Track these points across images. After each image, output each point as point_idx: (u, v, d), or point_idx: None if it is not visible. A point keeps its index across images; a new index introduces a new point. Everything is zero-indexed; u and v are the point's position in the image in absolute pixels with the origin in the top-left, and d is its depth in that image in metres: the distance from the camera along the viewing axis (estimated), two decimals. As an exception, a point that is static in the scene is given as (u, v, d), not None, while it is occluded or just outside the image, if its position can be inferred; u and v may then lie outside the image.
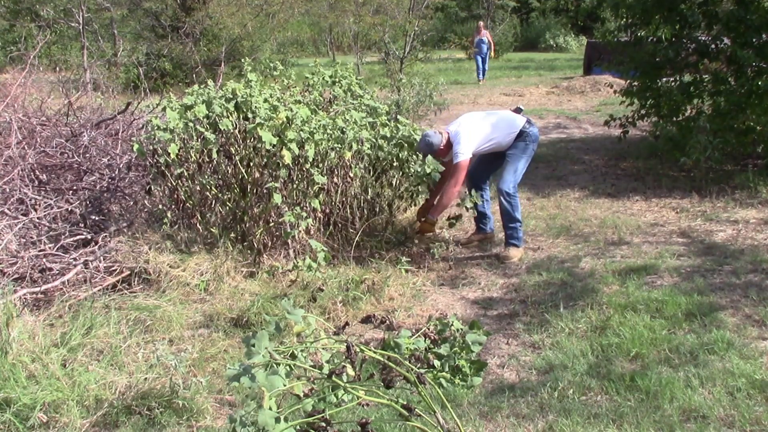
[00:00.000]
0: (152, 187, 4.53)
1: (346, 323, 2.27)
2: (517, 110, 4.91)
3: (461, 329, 2.24)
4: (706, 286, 4.02)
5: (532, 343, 3.50)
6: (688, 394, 2.85)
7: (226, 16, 14.27)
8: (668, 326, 3.51)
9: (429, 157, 4.60)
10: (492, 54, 17.95)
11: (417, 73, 12.47)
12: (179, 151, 4.17)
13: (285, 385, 1.77)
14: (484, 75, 17.03)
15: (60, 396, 2.81)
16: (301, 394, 1.95)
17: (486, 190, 4.99)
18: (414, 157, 4.82)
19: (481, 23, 18.45)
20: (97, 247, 4.18)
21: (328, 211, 4.67)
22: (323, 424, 1.84)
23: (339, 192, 4.65)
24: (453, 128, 4.70)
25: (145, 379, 2.99)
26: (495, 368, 3.26)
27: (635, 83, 7.13)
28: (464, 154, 4.52)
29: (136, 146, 4.26)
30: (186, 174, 4.31)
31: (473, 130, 4.63)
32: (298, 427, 1.80)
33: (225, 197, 4.38)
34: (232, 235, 4.35)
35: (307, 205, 4.33)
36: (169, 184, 4.38)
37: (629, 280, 4.14)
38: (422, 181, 4.68)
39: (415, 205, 5.12)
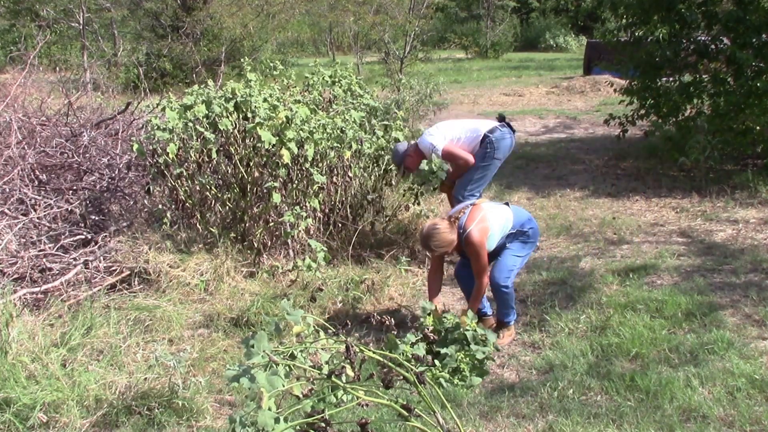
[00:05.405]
0: (152, 187, 4.53)
1: (346, 323, 2.27)
2: (500, 117, 4.88)
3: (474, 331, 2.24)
4: (706, 285, 4.02)
5: (532, 343, 3.49)
6: (688, 393, 2.85)
7: (226, 16, 14.26)
8: (668, 326, 3.51)
9: (433, 155, 4.59)
10: None
11: (417, 73, 12.45)
12: (179, 151, 4.17)
13: (284, 386, 1.77)
14: None
15: (60, 396, 2.81)
16: (301, 395, 1.95)
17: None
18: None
19: None
20: (97, 247, 4.18)
21: (327, 210, 4.67)
22: (323, 425, 1.83)
23: (339, 192, 4.64)
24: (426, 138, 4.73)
25: (145, 379, 2.99)
26: (495, 368, 3.26)
27: (635, 82, 7.13)
28: (439, 143, 4.61)
29: (135, 146, 4.26)
30: (186, 174, 4.31)
31: (446, 126, 4.77)
32: (297, 428, 1.80)
33: (225, 197, 4.38)
34: (232, 235, 4.35)
35: (307, 204, 4.32)
36: (169, 184, 4.38)
37: (629, 279, 4.14)
38: (428, 180, 4.66)
39: (417, 204, 5.10)
